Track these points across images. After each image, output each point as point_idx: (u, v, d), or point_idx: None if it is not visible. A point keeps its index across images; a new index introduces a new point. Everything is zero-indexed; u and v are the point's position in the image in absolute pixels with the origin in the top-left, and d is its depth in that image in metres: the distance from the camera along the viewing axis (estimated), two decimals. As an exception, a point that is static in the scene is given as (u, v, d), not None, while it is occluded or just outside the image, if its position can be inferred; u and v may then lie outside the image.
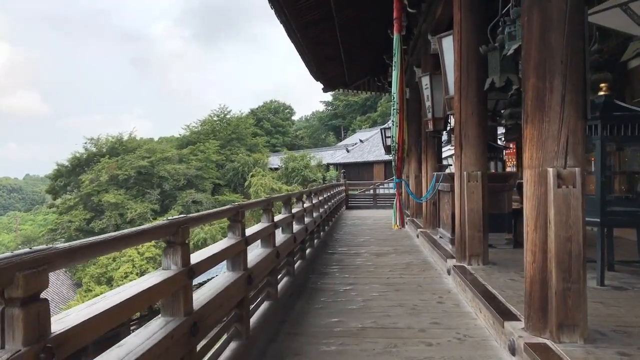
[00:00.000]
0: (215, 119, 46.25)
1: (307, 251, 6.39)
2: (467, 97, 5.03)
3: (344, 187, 17.41)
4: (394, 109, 6.70)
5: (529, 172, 2.81)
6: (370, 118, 55.04)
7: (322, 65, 13.11)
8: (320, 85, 16.29)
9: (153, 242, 30.38)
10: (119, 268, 28.87)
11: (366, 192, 19.87)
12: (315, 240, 7.47)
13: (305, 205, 6.56)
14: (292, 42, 10.50)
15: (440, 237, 7.07)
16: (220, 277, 2.83)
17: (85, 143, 42.57)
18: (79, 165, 42.12)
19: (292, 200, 5.63)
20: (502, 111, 9.60)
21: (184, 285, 2.10)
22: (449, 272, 5.26)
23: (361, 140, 39.34)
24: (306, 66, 13.10)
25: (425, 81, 7.79)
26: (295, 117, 69.41)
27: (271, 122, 58.43)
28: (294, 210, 5.42)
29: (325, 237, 8.66)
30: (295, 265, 5.33)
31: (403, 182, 6.84)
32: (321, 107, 66.99)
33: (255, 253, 3.69)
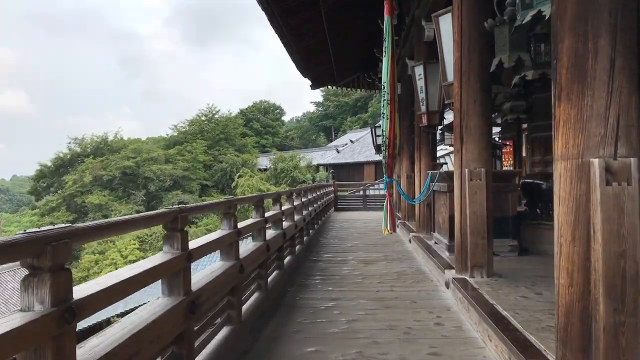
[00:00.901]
0: (203, 119, 45.39)
1: (287, 259, 5.66)
2: (469, 83, 4.34)
3: (332, 188, 16.70)
4: (384, 100, 6.03)
5: (562, 164, 2.11)
6: (361, 119, 54.47)
7: (308, 58, 12.38)
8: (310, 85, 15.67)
9: (137, 245, 29.54)
10: (101, 272, 27.93)
11: (356, 193, 19.17)
12: (298, 247, 6.73)
13: (284, 207, 5.83)
14: (276, 31, 9.77)
15: (435, 242, 6.38)
16: (146, 308, 2.09)
17: (69, 143, 41.57)
18: (62, 166, 41.15)
19: (267, 202, 4.91)
20: (501, 106, 8.97)
21: (55, 336, 1.38)
22: (447, 285, 4.55)
23: (351, 141, 38.69)
24: (291, 59, 12.35)
25: (419, 71, 7.09)
26: (286, 119, 68.77)
27: (261, 123, 57.68)
28: (268, 214, 4.68)
29: (310, 242, 7.93)
30: (270, 278, 4.59)
31: (394, 182, 6.15)
32: (312, 108, 66.30)
33: (210, 269, 2.96)
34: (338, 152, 37.79)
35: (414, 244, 7.20)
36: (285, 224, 5.70)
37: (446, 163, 8.88)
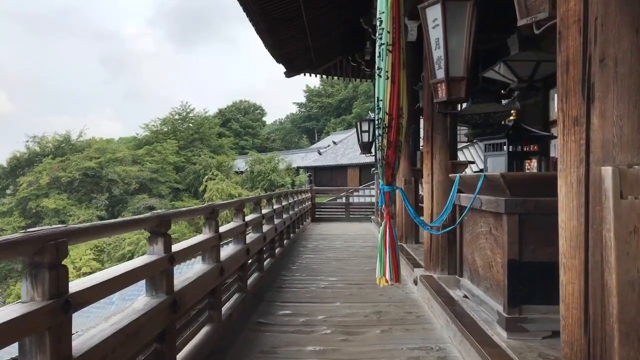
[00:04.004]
0: (176, 117, 42.33)
1: (203, 331, 2.94)
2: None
3: (309, 194, 13.96)
4: (382, 46, 3.43)
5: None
6: (345, 120, 52.16)
7: (277, 29, 9.66)
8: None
9: (93, 255, 26.48)
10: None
11: (337, 200, 16.50)
12: (234, 297, 4.02)
13: (201, 238, 3.12)
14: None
15: (465, 296, 3.73)
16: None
17: (27, 141, 38.13)
18: (19, 167, 37.73)
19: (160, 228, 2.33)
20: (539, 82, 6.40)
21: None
22: None
23: (334, 142, 36.06)
24: (256, 31, 9.65)
25: (433, 15, 4.44)
26: (269, 121, 66.12)
27: (240, 123, 55.03)
28: (139, 263, 2.03)
29: (262, 281, 5.19)
30: None
31: (399, 192, 3.48)
32: (294, 109, 63.56)
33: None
34: (320, 154, 35.14)
35: (424, 289, 4.54)
36: (203, 266, 2.99)
37: (473, 162, 6.21)
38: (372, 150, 12.70)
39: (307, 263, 6.73)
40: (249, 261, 4.58)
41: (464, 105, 8.67)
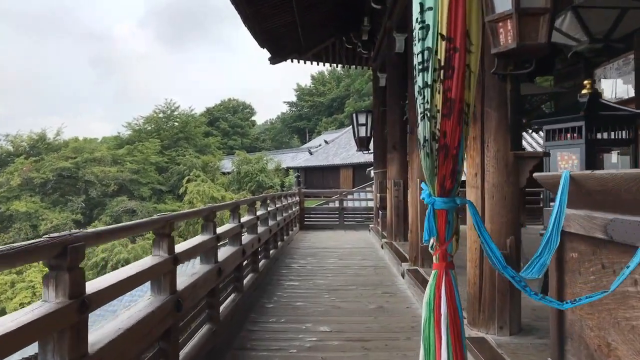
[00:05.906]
0: (160, 115, 40.27)
1: None
2: None
3: (298, 198, 12.11)
4: None
5: None
6: (337, 120, 50.58)
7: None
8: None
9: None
10: (14, 297, 22.75)
11: (330, 204, 14.67)
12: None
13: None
14: None
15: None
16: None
17: (0, 140, 35.84)
18: (-11, 167, 35.39)
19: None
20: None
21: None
22: None
23: (326, 142, 34.27)
24: (232, 2, 7.80)
25: None
26: (260, 121, 64.28)
27: (229, 122, 53.20)
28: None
29: (215, 339, 3.36)
30: None
31: (468, 208, 1.69)
32: (285, 109, 61.68)
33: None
34: (311, 153, 33.32)
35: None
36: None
37: (548, 153, 4.58)
38: (371, 147, 10.90)
39: (288, 297, 4.87)
40: (182, 321, 2.74)
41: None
